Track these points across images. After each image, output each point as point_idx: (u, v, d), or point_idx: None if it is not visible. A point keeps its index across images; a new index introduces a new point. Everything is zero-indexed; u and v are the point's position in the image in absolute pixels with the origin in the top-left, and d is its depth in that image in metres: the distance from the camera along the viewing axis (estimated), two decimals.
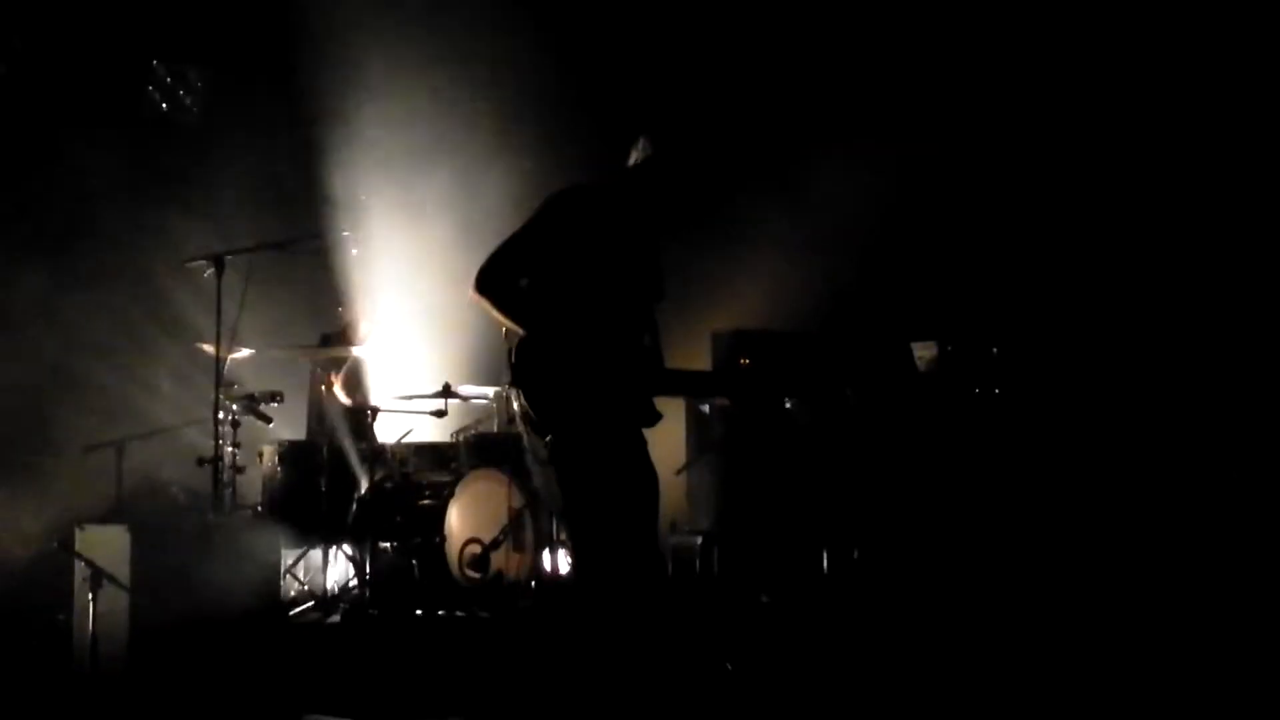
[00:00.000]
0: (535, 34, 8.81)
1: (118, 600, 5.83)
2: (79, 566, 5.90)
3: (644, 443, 4.44)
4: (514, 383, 4.41)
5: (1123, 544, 7.02)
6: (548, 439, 4.33)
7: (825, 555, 7.30)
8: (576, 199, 4.46)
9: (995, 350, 7.68)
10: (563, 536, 7.38)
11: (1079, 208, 8.03)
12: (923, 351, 7.45)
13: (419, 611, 6.94)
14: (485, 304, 4.39)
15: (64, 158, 8.22)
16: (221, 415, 7.02)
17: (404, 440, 7.99)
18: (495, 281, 4.38)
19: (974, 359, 7.60)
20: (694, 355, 8.03)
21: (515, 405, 4.46)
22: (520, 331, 4.41)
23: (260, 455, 7.66)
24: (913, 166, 8.27)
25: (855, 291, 8.31)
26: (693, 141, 4.56)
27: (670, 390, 4.63)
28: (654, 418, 4.45)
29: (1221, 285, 7.55)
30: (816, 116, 8.62)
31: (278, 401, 7.49)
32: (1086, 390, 7.58)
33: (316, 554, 7.46)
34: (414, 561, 7.29)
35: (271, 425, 7.55)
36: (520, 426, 4.50)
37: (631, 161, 4.56)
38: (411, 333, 8.52)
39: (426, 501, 7.44)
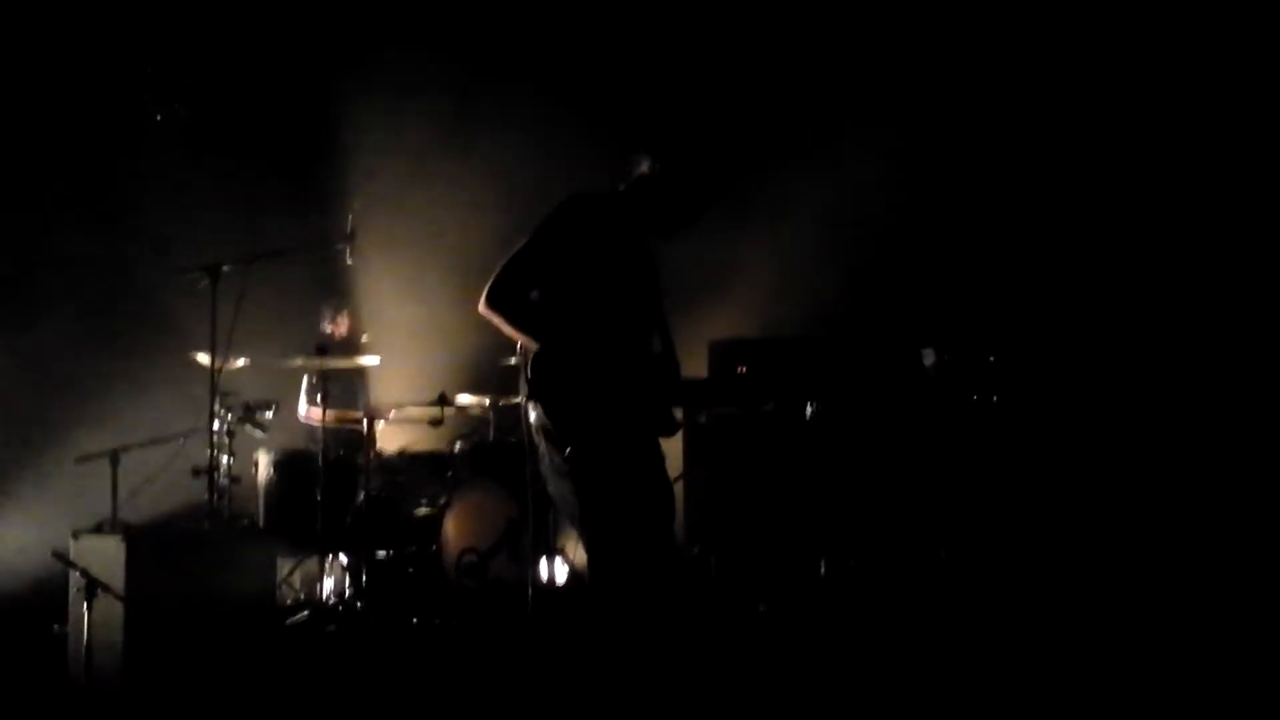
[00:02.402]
0: (536, 44, 8.82)
1: (113, 610, 5.79)
2: (74, 576, 5.87)
3: (661, 454, 4.44)
4: (531, 396, 4.38)
5: (1121, 550, 7.02)
6: (568, 451, 4.31)
7: (823, 564, 7.29)
8: (582, 208, 4.44)
9: (992, 358, 7.69)
10: (560, 545, 7.37)
11: (1076, 215, 8.04)
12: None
13: (415, 620, 6.93)
14: (497, 318, 4.37)
15: (57, 165, 8.21)
16: (217, 425, 7.01)
17: (400, 450, 7.98)
18: (506, 295, 4.35)
19: (971, 366, 7.60)
20: (692, 363, 8.03)
21: (532, 417, 4.42)
22: (534, 345, 4.38)
23: (256, 465, 7.64)
24: (909, 175, 8.28)
25: (852, 299, 8.31)
26: (694, 157, 4.54)
27: (687, 399, 4.63)
28: (673, 427, 4.45)
29: (1218, 291, 7.55)
30: (813, 125, 8.62)
31: (273, 411, 7.47)
32: (1084, 398, 7.59)
33: (312, 563, 7.44)
34: (410, 570, 7.28)
35: (267, 435, 7.53)
36: (537, 438, 4.44)
37: (632, 173, 4.55)
38: (408, 342, 8.51)
39: (423, 511, 7.44)
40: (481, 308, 4.38)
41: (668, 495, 4.43)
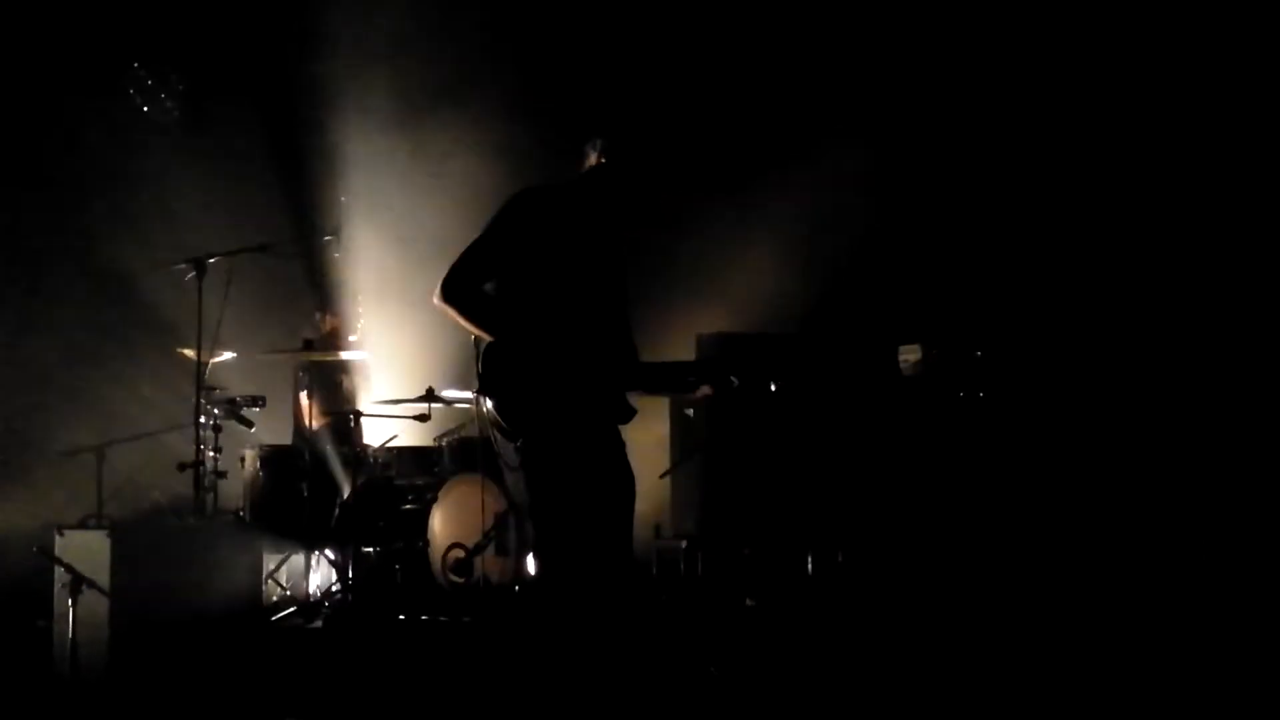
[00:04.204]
0: (520, 35, 8.80)
1: (98, 605, 5.78)
2: (59, 572, 5.86)
3: (621, 443, 4.41)
4: (482, 389, 4.37)
5: (1107, 546, 7.03)
6: (519, 443, 4.30)
7: (810, 558, 7.29)
8: (535, 200, 4.45)
9: (979, 353, 7.68)
10: None
11: (1062, 209, 8.05)
12: (907, 355, 7.44)
13: (402, 616, 6.92)
14: (452, 312, 4.37)
15: (45, 160, 8.18)
16: (203, 419, 6.98)
17: (387, 445, 7.96)
18: (459, 288, 4.35)
19: (958, 362, 7.59)
20: (679, 358, 8.02)
21: (485, 410, 4.42)
22: (488, 337, 4.38)
23: (242, 460, 7.61)
24: (897, 169, 8.28)
25: (840, 294, 8.31)
26: (646, 145, 4.55)
27: (645, 384, 4.58)
28: (628, 414, 4.42)
29: (1205, 285, 7.56)
30: (801, 119, 8.62)
31: (260, 406, 7.45)
32: (1071, 393, 7.59)
33: (299, 559, 7.42)
34: (397, 566, 7.26)
35: (253, 429, 7.51)
36: (490, 432, 4.44)
37: (587, 162, 4.55)
38: (395, 336, 8.49)
39: (409, 506, 7.41)
40: (435, 300, 4.38)
41: (626, 484, 4.39)
